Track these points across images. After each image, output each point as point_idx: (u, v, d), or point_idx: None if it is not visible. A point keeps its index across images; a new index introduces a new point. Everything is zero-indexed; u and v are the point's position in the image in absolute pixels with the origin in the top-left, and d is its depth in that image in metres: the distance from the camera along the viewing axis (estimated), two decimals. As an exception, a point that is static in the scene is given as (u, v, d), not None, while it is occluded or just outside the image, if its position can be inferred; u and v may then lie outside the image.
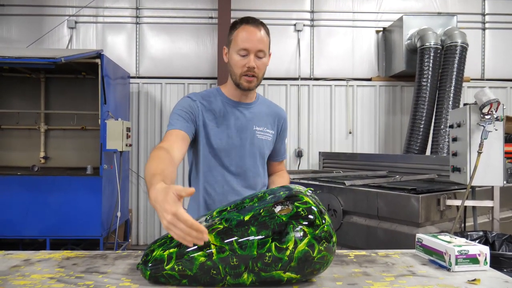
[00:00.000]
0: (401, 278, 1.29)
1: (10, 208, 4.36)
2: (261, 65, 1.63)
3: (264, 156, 1.78)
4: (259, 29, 1.62)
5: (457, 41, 5.27)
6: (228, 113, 1.70)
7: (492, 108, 2.92)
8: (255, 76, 1.63)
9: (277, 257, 1.14)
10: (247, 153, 1.72)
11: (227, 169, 1.70)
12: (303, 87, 6.21)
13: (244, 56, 1.61)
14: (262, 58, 1.62)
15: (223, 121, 1.69)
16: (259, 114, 1.76)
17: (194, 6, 6.16)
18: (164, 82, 6.11)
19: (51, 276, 1.28)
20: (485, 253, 1.37)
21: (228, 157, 1.70)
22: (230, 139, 1.69)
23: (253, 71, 1.61)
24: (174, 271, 1.19)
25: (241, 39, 1.60)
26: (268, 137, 1.77)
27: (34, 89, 5.65)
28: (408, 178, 4.00)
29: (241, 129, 1.71)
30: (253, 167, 1.73)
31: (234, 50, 1.62)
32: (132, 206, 5.96)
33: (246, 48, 1.59)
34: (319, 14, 6.27)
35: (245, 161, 1.72)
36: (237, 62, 1.62)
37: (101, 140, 4.47)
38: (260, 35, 1.61)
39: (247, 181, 1.73)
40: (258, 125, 1.74)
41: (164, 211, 1.04)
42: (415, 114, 5.38)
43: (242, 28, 1.62)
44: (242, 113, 1.72)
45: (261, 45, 1.60)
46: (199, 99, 1.68)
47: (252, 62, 1.60)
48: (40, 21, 6.03)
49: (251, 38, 1.60)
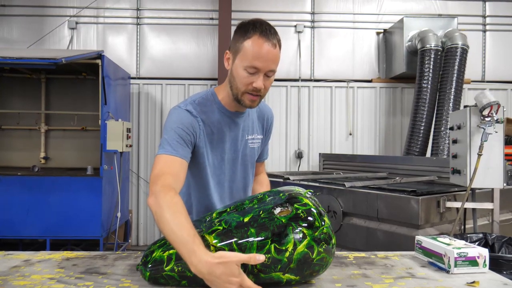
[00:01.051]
0: (400, 280, 1.29)
1: (10, 208, 4.36)
2: (268, 85, 1.45)
3: (254, 164, 1.70)
4: (274, 45, 1.41)
5: (458, 43, 5.27)
6: (224, 125, 1.54)
7: (492, 110, 2.92)
8: (260, 96, 1.46)
9: (277, 259, 1.14)
10: (239, 166, 1.62)
11: (220, 185, 1.59)
12: (304, 88, 6.22)
13: (252, 74, 1.40)
14: (271, 77, 1.44)
15: (219, 135, 1.54)
16: (251, 121, 1.64)
17: (195, 7, 6.17)
18: (165, 83, 6.11)
19: (51, 277, 1.28)
20: (484, 255, 1.38)
21: (222, 174, 1.59)
22: (224, 154, 1.57)
23: (259, 92, 1.43)
24: (173, 272, 1.19)
25: (253, 55, 1.38)
26: (257, 143, 1.68)
27: (35, 90, 5.66)
28: (408, 180, 4.00)
29: (235, 141, 1.59)
30: (243, 178, 1.65)
31: (241, 64, 1.41)
32: (132, 207, 5.96)
33: (256, 67, 1.39)
34: (319, 15, 6.28)
35: (236, 174, 1.62)
36: (242, 79, 1.42)
37: (102, 141, 4.47)
38: (275, 54, 1.41)
39: (238, 193, 1.65)
40: (250, 133, 1.63)
41: (229, 283, 1.07)
42: (416, 116, 5.38)
43: (255, 41, 1.39)
44: (236, 124, 1.58)
45: (273, 65, 1.42)
46: (199, 113, 1.49)
47: (261, 82, 1.40)
48: (41, 21, 6.04)
49: (265, 57, 1.39)
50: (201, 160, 1.52)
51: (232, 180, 1.61)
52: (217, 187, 1.58)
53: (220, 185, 1.59)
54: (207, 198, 1.57)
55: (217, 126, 1.53)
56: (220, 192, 1.59)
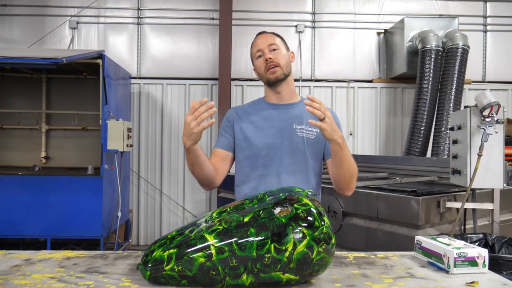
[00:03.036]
0: (400, 280, 1.29)
1: (11, 208, 4.37)
2: (277, 55, 1.73)
3: (305, 153, 1.74)
4: (265, 33, 1.80)
5: (459, 43, 5.27)
6: (268, 115, 1.78)
7: (492, 110, 2.92)
8: (277, 66, 1.72)
9: (276, 258, 1.15)
10: (286, 151, 1.73)
11: (268, 170, 1.72)
12: (304, 88, 6.22)
13: (260, 56, 1.75)
14: (276, 50, 1.74)
15: (263, 123, 1.76)
16: (300, 113, 1.76)
17: (196, 7, 6.17)
18: (165, 82, 6.12)
19: (52, 276, 1.29)
20: (483, 255, 1.38)
21: (268, 157, 1.72)
22: (268, 139, 1.73)
23: (271, 61, 1.71)
24: (173, 271, 1.20)
25: (254, 46, 1.79)
26: (311, 134, 1.75)
27: (36, 89, 5.66)
28: (408, 180, 4.00)
29: (280, 129, 1.74)
30: (292, 165, 1.73)
31: (254, 59, 1.80)
32: (133, 207, 5.97)
33: (258, 49, 1.76)
34: (320, 15, 6.28)
35: (284, 159, 1.72)
36: (258, 64, 1.77)
37: (102, 141, 4.48)
38: (269, 35, 1.78)
39: (287, 178, 1.71)
40: (299, 124, 1.75)
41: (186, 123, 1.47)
42: (416, 116, 5.39)
43: (254, 41, 1.81)
44: (281, 114, 1.77)
45: (270, 40, 1.75)
46: (237, 107, 1.88)
47: (267, 54, 1.72)
48: (42, 21, 6.05)
49: (261, 40, 1.77)
50: (244, 143, 1.78)
51: (280, 165, 1.73)
52: (264, 170, 1.75)
53: (266, 169, 1.75)
54: (257, 182, 1.75)
55: (260, 117, 1.79)
56: (268, 176, 1.74)
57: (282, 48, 1.76)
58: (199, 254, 1.18)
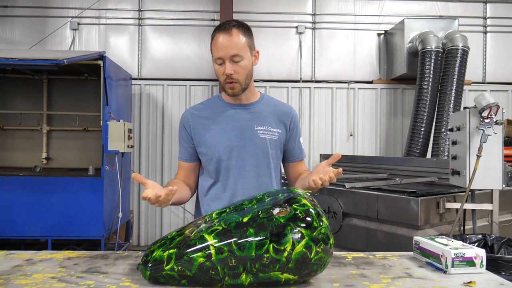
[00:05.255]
0: (398, 280, 1.30)
1: (12, 209, 4.38)
2: (239, 69, 1.60)
3: (268, 155, 1.71)
4: (229, 34, 1.57)
5: (458, 44, 5.27)
6: (227, 116, 1.70)
7: (491, 112, 2.93)
8: (236, 82, 1.61)
9: (275, 258, 1.16)
10: (248, 153, 1.68)
11: (229, 172, 1.69)
12: (305, 89, 6.23)
13: (221, 65, 1.60)
14: (239, 62, 1.59)
15: (222, 125, 1.69)
16: (261, 113, 1.72)
17: (196, 8, 6.18)
18: (166, 83, 6.13)
19: (53, 276, 1.30)
20: (481, 256, 1.39)
21: (229, 160, 1.68)
22: (230, 142, 1.67)
23: (231, 77, 1.59)
24: (173, 271, 1.21)
25: (215, 48, 1.60)
26: (273, 135, 1.71)
27: (37, 90, 5.68)
28: (408, 181, 4.01)
29: (241, 130, 1.68)
30: (256, 168, 1.70)
31: (213, 60, 1.63)
32: (134, 207, 5.98)
33: (219, 57, 1.58)
34: (321, 16, 6.29)
35: (246, 161, 1.68)
36: (216, 72, 1.63)
37: (103, 141, 4.49)
38: (231, 40, 1.57)
39: (250, 182, 1.69)
40: (260, 125, 1.70)
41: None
42: (416, 117, 5.39)
43: (214, 37, 1.62)
44: (241, 115, 1.70)
45: (234, 50, 1.57)
46: (192, 109, 1.77)
47: (228, 69, 1.57)
48: (43, 22, 6.07)
49: (222, 45, 1.57)
50: (204, 148, 1.72)
51: (242, 168, 1.69)
52: (226, 172, 1.71)
53: (228, 172, 1.71)
54: (219, 185, 1.73)
55: (218, 117, 1.71)
56: (230, 178, 1.71)
57: (246, 53, 1.60)
58: (199, 254, 1.19)
